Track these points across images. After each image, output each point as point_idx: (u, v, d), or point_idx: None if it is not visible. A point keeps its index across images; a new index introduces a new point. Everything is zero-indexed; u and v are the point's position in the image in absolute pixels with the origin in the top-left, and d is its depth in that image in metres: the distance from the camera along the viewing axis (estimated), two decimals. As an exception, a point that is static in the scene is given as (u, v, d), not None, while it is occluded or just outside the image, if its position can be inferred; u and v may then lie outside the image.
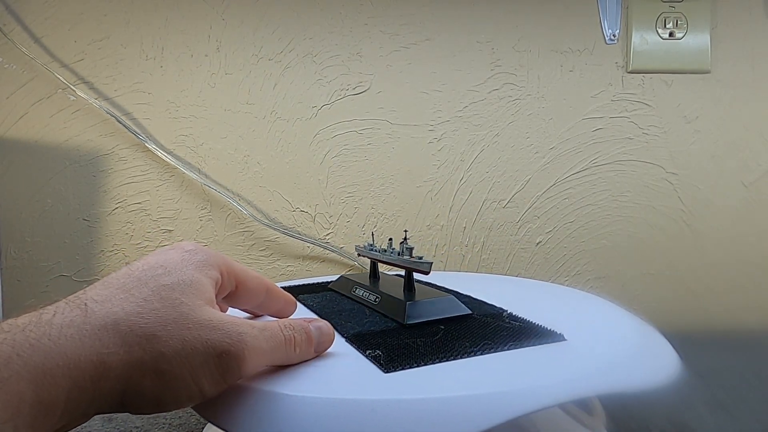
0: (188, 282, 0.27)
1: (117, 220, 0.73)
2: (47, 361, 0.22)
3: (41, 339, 0.23)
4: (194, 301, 0.27)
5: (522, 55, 0.74)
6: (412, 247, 0.40)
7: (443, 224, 0.75)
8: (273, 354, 0.29)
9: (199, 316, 0.26)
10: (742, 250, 0.75)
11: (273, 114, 0.73)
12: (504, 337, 0.33)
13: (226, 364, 0.26)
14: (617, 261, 0.75)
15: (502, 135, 0.74)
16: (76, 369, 0.23)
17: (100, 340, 0.24)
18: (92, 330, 0.24)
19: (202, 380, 0.25)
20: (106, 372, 0.24)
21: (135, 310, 0.25)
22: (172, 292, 0.27)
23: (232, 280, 0.32)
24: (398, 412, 0.25)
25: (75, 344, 0.23)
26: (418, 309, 0.37)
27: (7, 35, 0.69)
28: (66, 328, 0.23)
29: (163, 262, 0.28)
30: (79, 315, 0.24)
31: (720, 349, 0.65)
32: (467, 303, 0.40)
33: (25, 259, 0.72)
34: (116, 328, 0.24)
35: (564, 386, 0.27)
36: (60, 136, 0.72)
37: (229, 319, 0.27)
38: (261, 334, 0.28)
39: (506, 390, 0.26)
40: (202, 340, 0.25)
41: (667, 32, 0.73)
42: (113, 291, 0.26)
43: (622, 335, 0.36)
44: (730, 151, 0.75)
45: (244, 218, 0.73)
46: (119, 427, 0.49)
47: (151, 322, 0.25)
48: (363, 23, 0.73)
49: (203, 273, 0.29)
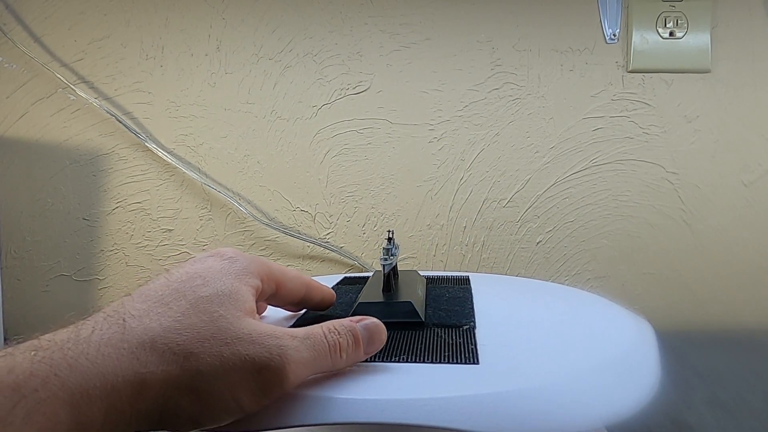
0: (227, 293, 0.27)
1: (117, 219, 0.73)
2: (85, 382, 0.22)
3: (79, 359, 0.22)
4: (233, 313, 0.26)
5: (522, 54, 0.74)
6: (390, 247, 0.41)
7: (443, 224, 0.75)
8: (317, 363, 0.28)
9: (238, 330, 0.26)
10: (742, 249, 0.75)
11: (273, 113, 0.73)
12: (421, 351, 0.32)
13: (266, 379, 0.25)
14: (617, 260, 0.75)
15: (503, 134, 0.74)
16: (113, 390, 0.23)
17: (138, 359, 0.24)
18: (130, 349, 0.24)
19: (242, 396, 0.25)
20: (143, 392, 0.23)
21: (173, 326, 0.25)
22: (210, 304, 0.26)
23: (272, 284, 0.31)
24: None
25: (113, 364, 0.23)
26: (366, 309, 0.37)
27: (7, 34, 0.69)
28: (104, 347, 0.23)
29: (202, 272, 0.28)
30: (117, 332, 0.24)
31: (720, 349, 0.65)
32: (447, 310, 0.39)
33: (25, 258, 0.72)
34: (154, 346, 0.24)
35: (412, 405, 0.27)
36: (60, 136, 0.72)
37: (269, 332, 0.26)
38: (303, 345, 0.27)
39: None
40: (240, 356, 0.25)
41: (667, 32, 0.73)
42: (151, 305, 0.26)
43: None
44: (731, 150, 0.75)
45: (244, 218, 0.73)
46: (119, 426, 0.49)
47: (189, 339, 0.25)
48: (363, 22, 0.73)
49: (243, 282, 0.28)
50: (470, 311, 0.39)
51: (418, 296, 0.41)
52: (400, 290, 0.41)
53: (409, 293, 0.40)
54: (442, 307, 0.41)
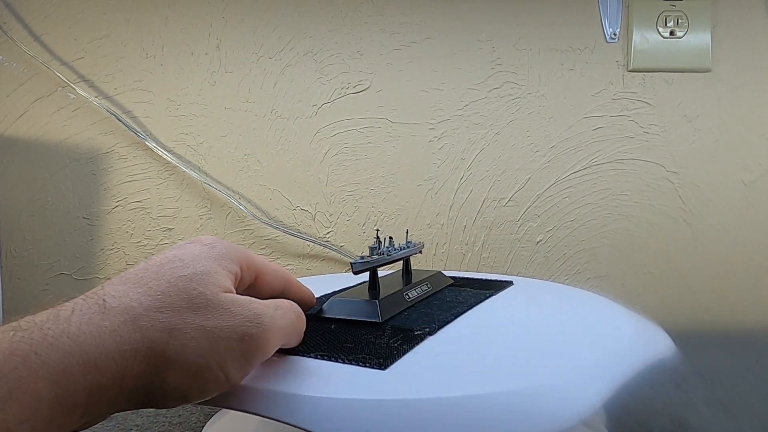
0: (205, 272, 0.28)
1: (117, 218, 0.73)
2: (66, 360, 0.22)
3: (60, 337, 0.22)
4: (211, 289, 0.27)
5: (522, 53, 0.74)
6: (374, 246, 0.41)
7: (444, 223, 0.75)
8: (288, 331, 0.29)
9: (217, 304, 0.26)
10: (741, 248, 0.75)
11: (273, 112, 0.73)
12: (348, 350, 0.32)
13: (249, 346, 0.26)
14: (617, 260, 0.75)
15: (503, 134, 0.74)
16: (96, 367, 0.23)
17: (121, 336, 0.24)
18: (112, 327, 0.24)
19: (228, 366, 0.26)
20: (128, 369, 0.23)
21: (153, 305, 0.25)
22: (188, 282, 0.27)
23: (251, 274, 0.32)
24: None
25: (95, 342, 0.23)
26: (334, 305, 0.38)
27: (7, 33, 0.69)
28: (85, 326, 0.23)
29: (181, 255, 0.28)
30: (97, 312, 0.24)
31: (720, 348, 0.65)
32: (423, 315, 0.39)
33: (26, 257, 0.72)
34: (136, 324, 0.24)
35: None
36: (60, 135, 0.72)
37: (246, 301, 0.27)
38: (276, 313, 0.28)
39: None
40: (222, 327, 0.26)
41: (667, 31, 0.73)
42: (130, 286, 0.26)
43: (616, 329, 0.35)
44: (731, 150, 0.75)
45: (244, 217, 0.73)
46: (119, 425, 0.49)
47: (170, 316, 0.25)
48: (363, 21, 0.73)
49: (221, 265, 0.29)
50: (449, 318, 0.38)
51: (401, 298, 0.40)
52: (386, 290, 0.41)
53: (391, 294, 0.40)
54: (425, 311, 0.40)
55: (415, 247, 0.46)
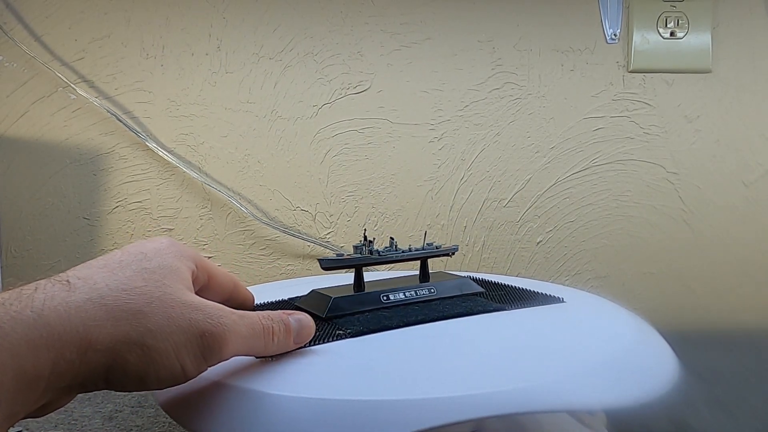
0: (169, 267, 0.28)
1: (117, 218, 0.73)
2: (30, 332, 0.22)
3: (23, 311, 0.23)
4: (176, 285, 0.28)
5: (523, 54, 0.74)
6: (357, 245, 0.43)
7: (444, 223, 0.75)
8: (252, 341, 0.30)
9: (182, 298, 0.27)
10: (742, 249, 0.75)
11: (273, 113, 0.73)
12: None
13: (207, 344, 0.27)
14: (618, 260, 0.75)
15: (503, 134, 0.74)
16: (60, 341, 0.23)
17: (87, 312, 0.24)
18: (77, 303, 0.24)
19: (185, 358, 0.26)
20: (92, 345, 0.24)
21: (119, 287, 0.26)
22: (154, 274, 0.27)
23: (204, 273, 0.33)
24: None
25: (60, 316, 0.23)
26: (309, 297, 0.42)
27: (7, 33, 0.69)
28: (49, 301, 0.24)
29: (143, 250, 0.29)
30: (62, 289, 0.24)
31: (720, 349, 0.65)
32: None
33: (26, 257, 0.72)
34: (102, 302, 0.25)
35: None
36: (60, 135, 0.72)
37: (209, 303, 0.28)
38: (240, 321, 0.29)
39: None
40: (185, 319, 0.26)
41: (668, 32, 0.73)
42: (95, 270, 0.27)
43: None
44: (731, 150, 0.75)
45: (245, 217, 0.73)
46: (119, 426, 0.49)
47: (137, 299, 0.26)
48: (364, 22, 0.73)
49: (181, 262, 0.30)
50: (398, 324, 0.37)
51: (375, 298, 0.41)
52: (370, 288, 0.42)
53: (363, 293, 0.41)
54: (390, 314, 0.39)
55: (409, 253, 0.44)
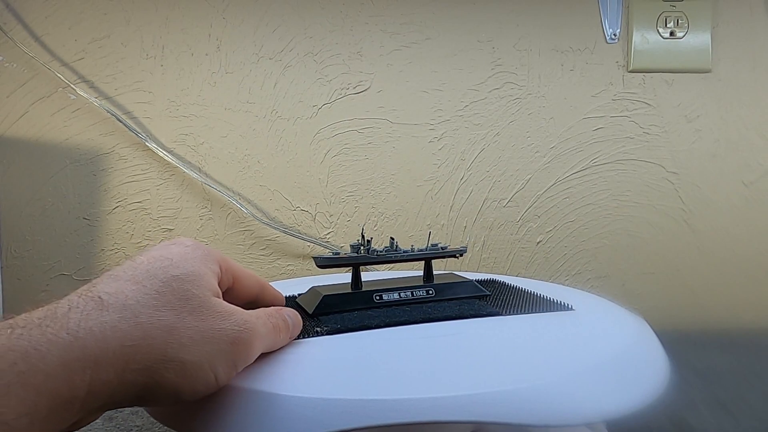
0: (196, 274, 0.28)
1: (117, 218, 0.73)
2: (66, 355, 0.22)
3: (59, 333, 0.22)
4: (204, 292, 0.28)
5: (523, 54, 0.74)
6: (354, 244, 0.44)
7: (444, 223, 0.75)
8: (267, 340, 0.30)
9: (210, 308, 0.27)
10: (742, 249, 0.75)
11: (273, 113, 0.73)
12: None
13: (238, 351, 0.28)
14: (618, 260, 0.75)
15: (503, 134, 0.74)
16: (96, 363, 0.23)
17: (122, 332, 0.24)
18: (112, 323, 0.24)
19: (218, 368, 0.27)
20: (129, 365, 0.24)
21: (151, 303, 0.26)
22: (182, 283, 0.27)
23: (229, 276, 0.32)
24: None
25: (96, 338, 0.23)
26: (306, 295, 0.44)
27: (7, 33, 0.69)
28: (84, 322, 0.23)
29: (168, 255, 0.29)
30: (95, 308, 0.24)
31: (720, 348, 0.65)
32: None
33: (26, 257, 0.72)
34: (136, 321, 0.25)
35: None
36: (60, 135, 0.72)
37: (234, 309, 0.29)
38: (258, 321, 0.29)
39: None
40: (216, 330, 0.27)
41: (668, 31, 0.73)
42: (123, 283, 0.26)
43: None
44: (731, 150, 0.75)
45: (245, 217, 0.73)
46: (120, 426, 0.49)
47: (169, 315, 0.26)
48: (364, 22, 0.73)
49: (207, 267, 0.30)
50: (378, 324, 0.37)
51: (368, 297, 0.41)
52: (366, 288, 0.43)
53: (357, 292, 0.42)
54: (378, 314, 0.39)
55: (409, 253, 0.45)
